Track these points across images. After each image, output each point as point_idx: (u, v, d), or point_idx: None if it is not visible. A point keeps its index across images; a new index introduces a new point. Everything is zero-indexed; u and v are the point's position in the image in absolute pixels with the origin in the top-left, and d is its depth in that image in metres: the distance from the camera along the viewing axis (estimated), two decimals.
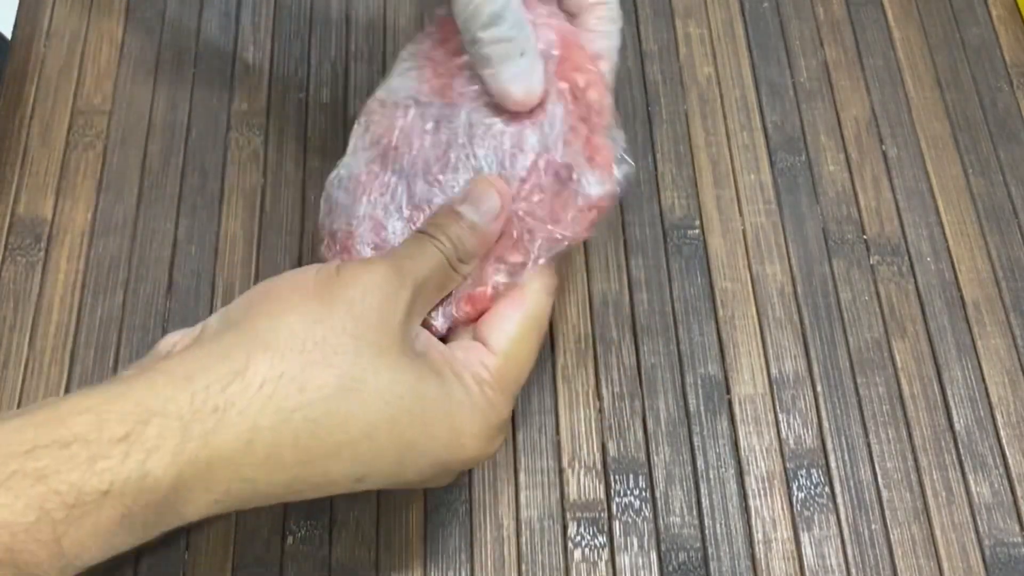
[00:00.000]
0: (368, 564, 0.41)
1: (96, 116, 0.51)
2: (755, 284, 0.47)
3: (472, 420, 0.34)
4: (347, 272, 0.34)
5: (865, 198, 0.50)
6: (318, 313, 0.33)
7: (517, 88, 0.36)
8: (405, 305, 0.34)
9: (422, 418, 0.33)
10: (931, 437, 0.44)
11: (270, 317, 0.33)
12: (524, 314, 0.37)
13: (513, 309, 0.37)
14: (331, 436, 0.32)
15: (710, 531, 0.42)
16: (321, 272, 0.34)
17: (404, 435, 0.33)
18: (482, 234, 0.36)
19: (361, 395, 0.32)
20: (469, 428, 0.34)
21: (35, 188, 0.49)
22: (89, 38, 0.53)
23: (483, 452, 0.35)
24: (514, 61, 0.36)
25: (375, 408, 0.32)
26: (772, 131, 0.51)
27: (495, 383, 0.35)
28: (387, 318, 0.33)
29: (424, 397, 0.33)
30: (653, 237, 0.48)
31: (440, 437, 0.34)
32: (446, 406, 0.34)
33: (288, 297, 0.33)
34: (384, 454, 0.33)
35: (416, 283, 0.34)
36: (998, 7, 0.55)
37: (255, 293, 0.34)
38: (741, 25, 0.54)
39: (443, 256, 0.35)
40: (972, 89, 0.53)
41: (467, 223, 0.36)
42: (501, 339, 0.36)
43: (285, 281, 0.34)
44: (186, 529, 0.41)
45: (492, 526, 0.42)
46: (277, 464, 0.32)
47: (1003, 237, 0.49)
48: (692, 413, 0.45)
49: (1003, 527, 0.42)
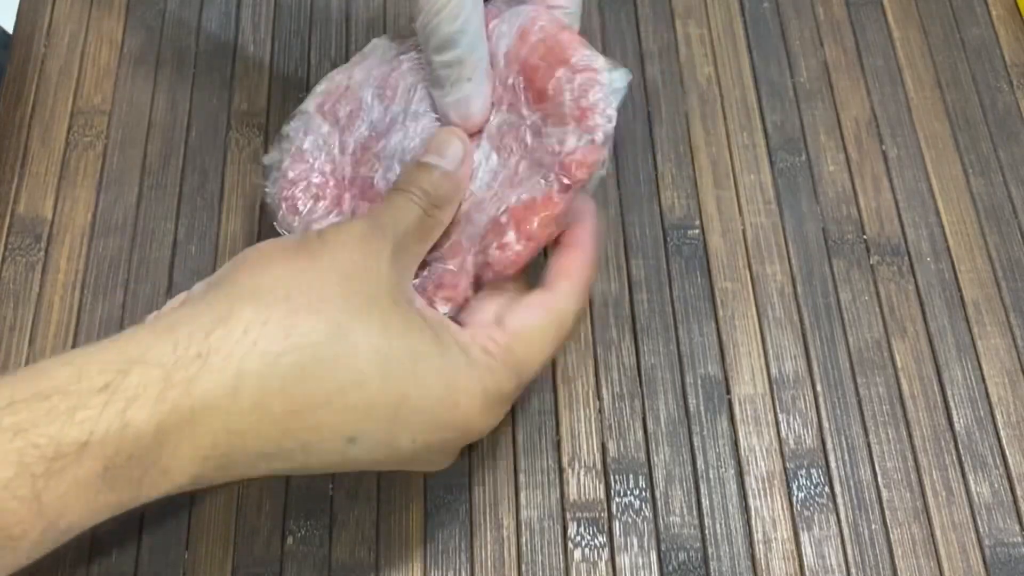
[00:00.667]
0: (368, 564, 0.41)
1: (96, 116, 0.51)
2: (755, 284, 0.47)
3: (468, 379, 0.33)
4: (328, 232, 0.34)
5: (865, 198, 0.50)
6: (303, 265, 0.32)
7: (455, 115, 0.38)
8: (388, 256, 0.34)
9: (414, 370, 0.32)
10: (931, 437, 0.44)
11: (253, 271, 0.32)
12: (548, 307, 0.36)
13: (539, 302, 0.36)
14: (320, 383, 0.31)
15: (710, 531, 0.42)
16: (302, 234, 0.35)
17: (396, 386, 0.32)
18: (453, 178, 0.37)
19: (350, 341, 0.31)
20: (465, 386, 0.33)
21: (35, 188, 0.49)
22: (89, 38, 0.53)
23: (479, 419, 0.34)
24: (459, 86, 0.37)
25: (365, 356, 0.31)
26: (772, 131, 0.51)
27: (499, 355, 0.34)
28: (373, 269, 0.33)
29: (417, 349, 0.32)
30: (653, 237, 0.48)
31: (434, 391, 0.33)
32: (440, 361, 0.33)
33: (271, 254, 0.33)
34: (376, 406, 0.32)
35: (396, 235, 0.34)
36: (998, 7, 0.55)
37: (239, 257, 0.34)
38: (741, 25, 0.54)
39: (419, 207, 0.36)
40: (972, 89, 0.53)
41: (437, 171, 0.36)
42: (517, 322, 0.35)
43: (268, 243, 0.34)
44: (186, 528, 0.41)
45: (492, 526, 0.42)
46: (265, 413, 0.30)
47: (1003, 237, 0.49)
48: (692, 413, 0.45)
49: (1003, 527, 0.42)
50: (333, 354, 0.31)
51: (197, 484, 0.31)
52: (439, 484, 0.43)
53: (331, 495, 0.42)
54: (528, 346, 0.35)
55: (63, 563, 0.41)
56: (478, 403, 0.34)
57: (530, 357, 0.35)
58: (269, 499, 0.42)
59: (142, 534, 0.41)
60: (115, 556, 0.41)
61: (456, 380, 0.33)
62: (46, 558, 0.41)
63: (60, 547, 0.41)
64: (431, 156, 0.37)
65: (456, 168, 0.37)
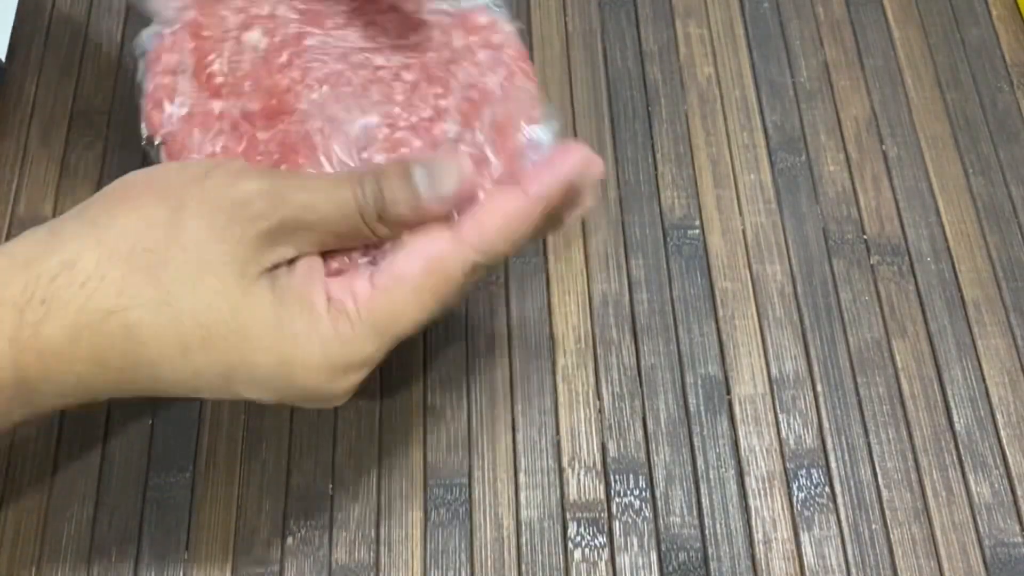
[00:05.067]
0: (368, 564, 0.41)
1: (96, 116, 0.51)
2: (755, 284, 0.47)
3: (307, 354, 0.32)
4: (213, 180, 0.32)
5: (865, 198, 0.50)
6: (159, 219, 0.32)
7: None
8: (263, 231, 0.32)
9: (240, 344, 0.32)
10: (931, 437, 0.44)
11: (111, 214, 0.32)
12: (429, 257, 0.33)
13: (421, 250, 0.33)
14: (145, 347, 0.31)
15: (710, 531, 0.42)
16: (186, 172, 0.33)
17: (221, 359, 0.32)
18: (420, 209, 0.33)
19: (174, 311, 0.31)
20: (303, 361, 0.32)
21: (35, 188, 0.49)
22: (89, 38, 0.53)
23: (327, 388, 0.33)
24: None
25: (187, 327, 0.31)
26: (772, 131, 0.51)
27: (356, 317, 0.32)
28: (231, 238, 0.32)
29: (245, 324, 0.32)
30: (653, 237, 0.48)
31: (262, 365, 0.32)
32: (272, 336, 0.32)
33: (137, 196, 0.33)
34: (203, 374, 0.32)
35: (292, 217, 0.32)
36: (998, 7, 0.55)
37: (116, 184, 0.34)
38: (741, 25, 0.54)
39: (356, 208, 0.33)
40: (972, 89, 0.53)
41: (411, 189, 0.33)
42: (387, 276, 0.33)
43: (146, 176, 0.33)
44: (186, 529, 0.41)
45: (492, 526, 0.42)
46: (102, 365, 0.32)
47: (1003, 237, 0.49)
48: (692, 413, 0.45)
49: (1003, 527, 0.42)
50: (158, 321, 0.31)
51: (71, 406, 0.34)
52: (439, 484, 0.43)
53: (331, 495, 0.42)
54: (394, 304, 0.33)
55: (63, 563, 0.41)
56: (321, 376, 0.33)
57: (397, 316, 0.33)
58: (269, 499, 0.42)
59: (142, 534, 0.41)
60: (115, 556, 0.41)
61: (292, 355, 0.32)
62: (45, 559, 0.41)
63: (60, 547, 0.41)
64: (419, 168, 0.33)
65: (431, 205, 0.33)
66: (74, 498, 0.42)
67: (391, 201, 0.33)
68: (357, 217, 0.33)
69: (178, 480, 0.42)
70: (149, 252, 0.31)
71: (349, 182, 0.33)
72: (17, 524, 0.41)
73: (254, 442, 0.43)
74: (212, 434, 0.43)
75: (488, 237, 0.33)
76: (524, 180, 0.34)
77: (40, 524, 0.41)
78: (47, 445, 0.43)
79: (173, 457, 0.43)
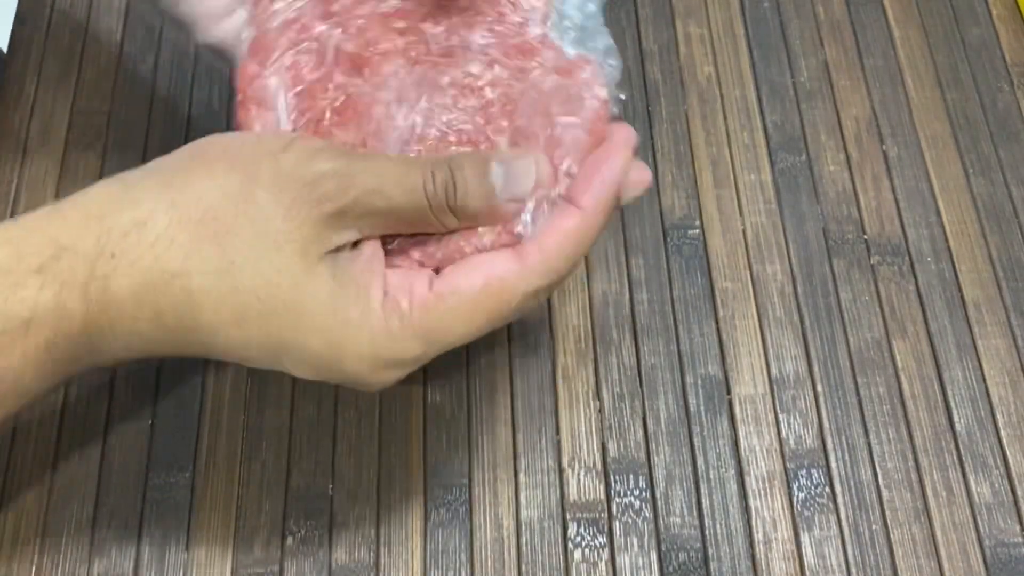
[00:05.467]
0: (368, 564, 0.41)
1: (96, 116, 0.51)
2: (755, 284, 0.47)
3: (358, 342, 0.32)
4: (288, 156, 0.32)
5: (865, 198, 0.50)
6: (231, 188, 0.32)
7: None
8: (329, 213, 0.32)
9: (295, 322, 0.32)
10: (932, 437, 0.44)
11: (186, 177, 0.32)
12: (489, 279, 0.33)
13: (483, 268, 0.33)
14: (204, 313, 0.32)
15: (710, 531, 0.42)
16: (263, 145, 0.33)
17: (274, 334, 0.32)
18: (491, 208, 0.33)
19: (235, 282, 0.32)
20: (353, 349, 0.32)
21: (35, 188, 0.49)
22: (89, 38, 0.53)
23: (368, 378, 0.33)
24: None
25: (245, 299, 0.32)
26: (772, 131, 0.51)
27: (410, 318, 0.32)
28: (297, 216, 0.32)
29: (304, 304, 0.32)
30: (653, 237, 0.48)
31: (314, 348, 0.32)
32: (327, 319, 0.32)
33: (214, 161, 0.33)
34: (256, 345, 0.33)
35: (359, 200, 0.32)
36: (998, 7, 0.55)
37: (193, 146, 0.34)
38: (741, 25, 0.54)
39: (424, 197, 0.32)
40: (972, 89, 0.53)
41: (487, 184, 0.33)
42: (447, 285, 0.33)
43: (224, 143, 0.34)
44: (186, 529, 0.41)
45: (492, 526, 0.42)
46: (161, 325, 0.32)
47: (1003, 237, 0.49)
48: (692, 413, 0.44)
49: (1004, 527, 0.42)
50: (218, 289, 0.32)
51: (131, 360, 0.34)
52: (439, 484, 0.43)
53: (331, 495, 0.42)
54: (448, 313, 0.32)
55: (63, 563, 0.41)
56: (364, 366, 0.33)
57: (446, 325, 0.33)
58: (269, 499, 0.42)
59: (142, 534, 0.41)
60: (115, 556, 0.41)
61: (344, 342, 0.32)
62: (46, 559, 0.41)
63: (60, 547, 0.41)
64: (498, 164, 0.33)
65: (504, 202, 0.33)
66: (74, 498, 0.42)
67: (463, 194, 0.32)
68: (425, 206, 0.32)
69: (178, 480, 0.42)
70: (217, 220, 0.32)
71: (420, 169, 0.33)
72: (17, 524, 0.41)
73: (254, 442, 0.43)
74: (212, 434, 0.43)
75: (550, 260, 0.33)
76: (575, 196, 0.33)
77: (40, 524, 0.41)
78: (47, 445, 0.43)
79: (173, 457, 0.43)
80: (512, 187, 0.33)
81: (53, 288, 0.31)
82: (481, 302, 0.33)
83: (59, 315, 0.31)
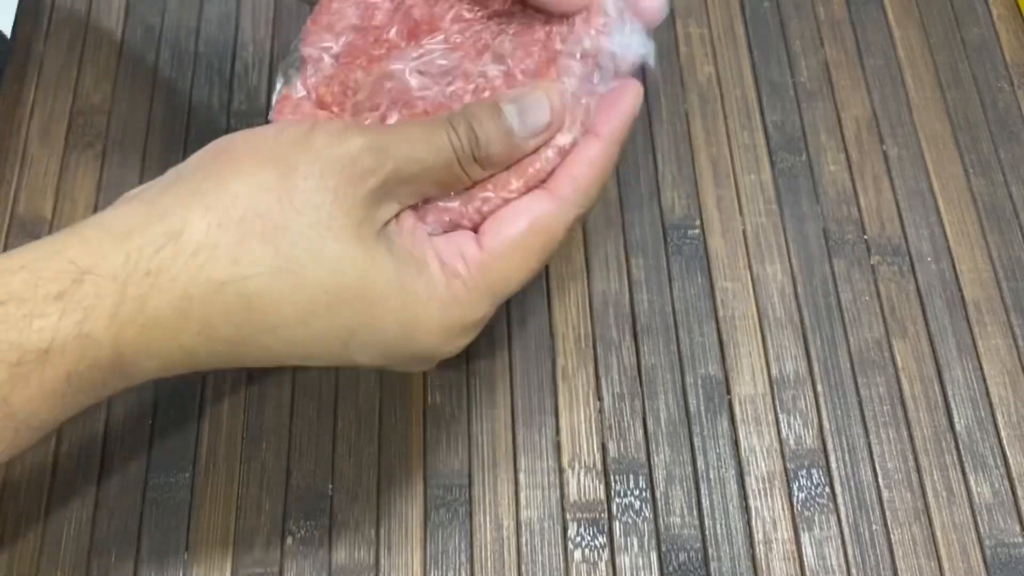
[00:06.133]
0: (368, 564, 0.41)
1: (96, 116, 0.51)
2: (755, 284, 0.47)
3: (428, 315, 0.32)
4: (317, 139, 0.31)
5: (865, 198, 0.50)
6: (268, 181, 0.31)
7: None
8: (373, 189, 0.31)
9: (366, 308, 0.31)
10: (932, 437, 0.44)
11: (218, 179, 0.31)
12: (533, 220, 0.33)
13: (526, 210, 0.33)
14: (263, 316, 0.30)
15: (710, 531, 0.42)
16: (286, 134, 0.32)
17: (344, 324, 0.31)
18: (514, 146, 0.33)
19: (297, 278, 0.30)
20: (424, 323, 0.32)
21: (35, 188, 0.49)
22: (89, 38, 0.53)
23: (441, 349, 0.33)
24: None
25: (310, 294, 0.31)
26: (772, 131, 0.51)
27: (470, 279, 0.33)
28: (346, 198, 0.31)
29: (371, 287, 0.31)
30: (653, 237, 0.48)
31: (387, 329, 0.32)
32: (398, 298, 0.31)
33: (241, 159, 0.31)
34: (323, 339, 0.31)
35: (397, 169, 0.32)
36: (998, 6, 0.55)
37: (211, 149, 0.32)
38: (741, 25, 0.54)
39: (452, 153, 0.32)
40: (972, 89, 0.53)
41: (503, 126, 0.33)
42: (496, 239, 0.33)
43: (245, 140, 0.32)
44: (186, 529, 0.41)
45: (492, 526, 0.42)
46: (212, 336, 0.31)
47: (1004, 237, 0.49)
48: (692, 413, 0.44)
49: (1004, 527, 0.42)
50: (278, 289, 0.30)
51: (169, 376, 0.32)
52: (439, 484, 0.43)
53: (331, 495, 0.42)
54: (504, 267, 0.33)
55: (63, 563, 0.41)
56: (437, 338, 0.33)
57: (506, 279, 0.33)
58: (269, 499, 0.42)
59: (142, 534, 0.41)
60: (115, 556, 0.41)
61: (415, 317, 0.32)
62: (45, 559, 0.41)
63: (60, 547, 0.41)
64: (509, 104, 0.33)
65: (525, 139, 0.33)
66: (74, 498, 0.42)
67: (484, 141, 0.32)
68: (454, 162, 0.32)
69: (178, 480, 0.42)
70: (261, 217, 0.30)
71: (443, 127, 0.32)
72: (17, 524, 0.41)
73: (254, 442, 0.43)
74: (212, 434, 0.43)
75: (582, 188, 0.34)
76: (594, 126, 0.34)
77: (40, 524, 0.41)
78: (47, 445, 0.43)
79: (173, 457, 0.43)
80: (529, 122, 0.33)
81: (75, 316, 0.29)
82: (530, 245, 0.33)
83: (82, 344, 0.29)
